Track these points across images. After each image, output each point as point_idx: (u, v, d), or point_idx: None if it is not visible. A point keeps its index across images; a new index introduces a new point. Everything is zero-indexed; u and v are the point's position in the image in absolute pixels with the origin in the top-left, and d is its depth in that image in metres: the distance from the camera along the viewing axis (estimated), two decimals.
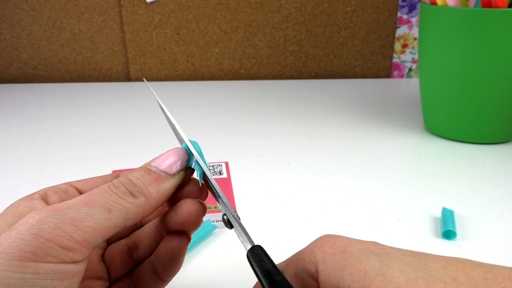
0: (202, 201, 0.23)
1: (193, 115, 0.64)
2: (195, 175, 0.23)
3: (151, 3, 0.78)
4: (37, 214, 0.18)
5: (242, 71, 0.84)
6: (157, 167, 0.21)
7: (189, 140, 0.23)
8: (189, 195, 0.23)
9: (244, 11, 0.79)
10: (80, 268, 0.18)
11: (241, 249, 0.34)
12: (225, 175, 0.44)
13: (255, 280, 0.30)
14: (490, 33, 0.46)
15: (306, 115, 0.64)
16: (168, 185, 0.21)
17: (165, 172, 0.21)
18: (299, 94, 0.74)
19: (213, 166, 0.46)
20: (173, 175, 0.22)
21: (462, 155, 0.50)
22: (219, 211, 0.38)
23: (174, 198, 0.23)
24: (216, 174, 0.44)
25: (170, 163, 0.22)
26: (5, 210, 0.20)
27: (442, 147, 0.52)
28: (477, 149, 0.51)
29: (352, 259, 0.18)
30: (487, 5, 0.46)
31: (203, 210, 0.23)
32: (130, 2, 0.78)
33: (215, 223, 0.36)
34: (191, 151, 0.22)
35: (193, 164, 0.23)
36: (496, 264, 0.17)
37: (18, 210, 0.20)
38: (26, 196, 0.21)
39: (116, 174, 0.23)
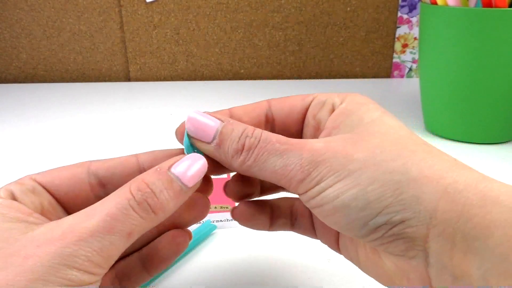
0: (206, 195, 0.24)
1: None
2: None
3: (151, 2, 0.78)
4: (61, 243, 0.17)
5: (242, 71, 0.84)
6: (179, 178, 0.20)
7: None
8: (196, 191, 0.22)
9: (244, 11, 0.79)
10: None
11: (241, 249, 0.34)
12: (225, 175, 0.44)
13: (255, 281, 0.30)
14: (491, 33, 0.45)
15: None
16: (185, 198, 0.20)
17: (185, 185, 0.20)
18: (299, 94, 0.74)
19: None
20: (190, 188, 0.20)
21: (462, 155, 0.49)
22: (219, 211, 0.37)
23: None
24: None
25: (193, 176, 0.20)
26: None
27: (442, 147, 0.51)
28: (477, 149, 0.51)
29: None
30: (488, 5, 0.45)
31: (209, 204, 0.23)
32: (130, 1, 0.78)
33: (215, 223, 0.36)
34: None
35: None
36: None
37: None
38: None
39: (86, 164, 0.23)
